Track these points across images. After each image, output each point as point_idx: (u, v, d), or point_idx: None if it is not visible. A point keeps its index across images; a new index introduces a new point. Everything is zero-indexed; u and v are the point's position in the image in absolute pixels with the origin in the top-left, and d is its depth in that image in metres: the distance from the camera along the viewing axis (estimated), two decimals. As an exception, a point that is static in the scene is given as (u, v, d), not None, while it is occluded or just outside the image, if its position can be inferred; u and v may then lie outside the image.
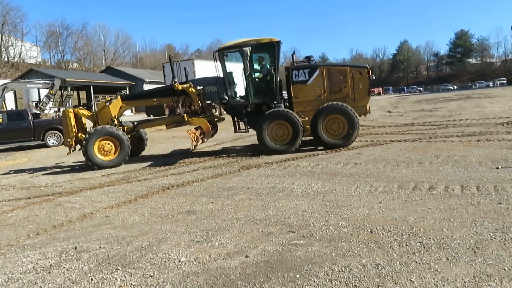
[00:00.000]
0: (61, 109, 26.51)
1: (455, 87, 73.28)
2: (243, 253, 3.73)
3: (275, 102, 10.11)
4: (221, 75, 10.21)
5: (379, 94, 71.26)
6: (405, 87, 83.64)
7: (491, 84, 67.16)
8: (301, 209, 4.97)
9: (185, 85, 10.31)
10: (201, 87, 10.55)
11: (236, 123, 10.78)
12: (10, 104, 33.53)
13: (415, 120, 13.99)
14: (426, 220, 4.17)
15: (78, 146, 10.29)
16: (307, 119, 9.76)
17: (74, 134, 10.28)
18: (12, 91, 28.40)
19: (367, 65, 10.46)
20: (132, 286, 3.27)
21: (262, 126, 9.61)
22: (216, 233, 4.36)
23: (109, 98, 10.78)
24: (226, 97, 10.24)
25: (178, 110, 10.61)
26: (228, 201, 5.68)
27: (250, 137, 12.25)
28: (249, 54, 9.87)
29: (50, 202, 6.60)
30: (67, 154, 10.58)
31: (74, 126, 10.35)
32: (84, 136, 9.96)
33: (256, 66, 10.42)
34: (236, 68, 10.67)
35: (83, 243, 4.38)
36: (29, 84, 23.50)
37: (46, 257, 4.05)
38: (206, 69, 25.96)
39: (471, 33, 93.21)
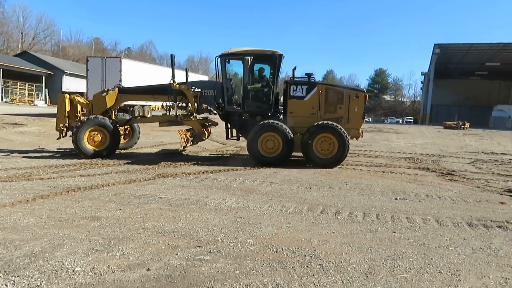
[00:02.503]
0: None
1: (370, 119, 79.28)
2: (145, 265, 3.59)
3: (270, 114, 10.15)
4: (220, 81, 10.15)
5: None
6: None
7: (400, 121, 73.65)
8: (212, 223, 4.93)
9: (183, 86, 10.27)
10: (199, 89, 10.51)
11: (229, 130, 10.75)
12: None
13: (332, 146, 14.78)
14: (329, 243, 4.39)
15: (69, 133, 10.13)
16: (298, 134, 9.77)
17: (67, 120, 10.23)
18: None
19: (364, 89, 10.81)
20: (13, 296, 2.95)
21: (253, 136, 9.58)
22: (119, 242, 4.13)
23: (106, 89, 10.79)
24: (223, 103, 10.20)
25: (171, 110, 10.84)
26: (138, 210, 5.45)
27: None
28: (250, 63, 9.90)
29: None
30: (57, 139, 10.50)
31: (67, 112, 10.28)
32: (76, 123, 9.88)
33: (255, 76, 10.40)
34: (235, 76, 10.74)
35: (-39, 244, 3.88)
36: None
37: None
38: (134, 69, 24.97)
39: (388, 72, 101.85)
